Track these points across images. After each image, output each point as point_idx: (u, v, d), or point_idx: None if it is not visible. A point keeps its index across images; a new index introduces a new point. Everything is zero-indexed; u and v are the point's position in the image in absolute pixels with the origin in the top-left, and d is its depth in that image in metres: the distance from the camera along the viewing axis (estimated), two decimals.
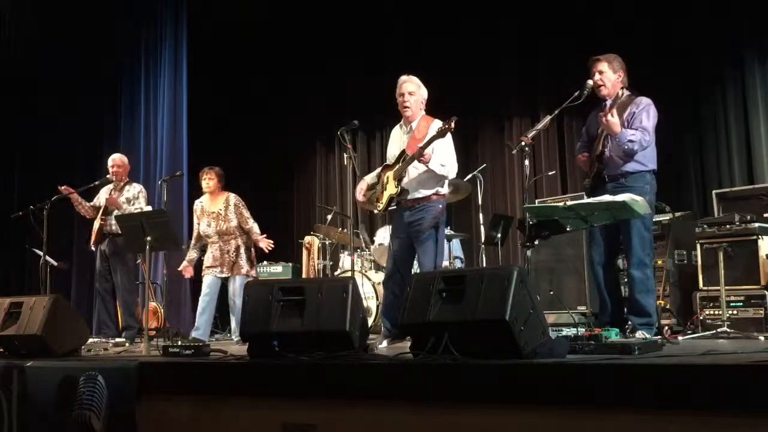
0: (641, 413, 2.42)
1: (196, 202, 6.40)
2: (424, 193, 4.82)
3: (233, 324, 6.14)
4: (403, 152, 4.88)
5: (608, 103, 4.56)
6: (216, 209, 6.18)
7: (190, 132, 9.28)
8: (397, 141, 5.06)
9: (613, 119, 4.34)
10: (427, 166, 4.68)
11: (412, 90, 4.89)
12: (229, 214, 6.13)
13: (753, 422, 2.24)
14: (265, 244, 6.19)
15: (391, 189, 4.87)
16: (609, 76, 4.54)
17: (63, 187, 6.54)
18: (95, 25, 9.48)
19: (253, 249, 6.29)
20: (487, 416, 2.68)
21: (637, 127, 4.39)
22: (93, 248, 6.69)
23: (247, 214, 6.20)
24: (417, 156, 4.68)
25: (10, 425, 3.68)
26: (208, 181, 6.21)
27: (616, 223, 4.30)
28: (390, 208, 4.96)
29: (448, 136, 4.74)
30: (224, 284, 6.13)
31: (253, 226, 6.18)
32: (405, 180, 4.83)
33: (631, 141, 4.32)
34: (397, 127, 5.12)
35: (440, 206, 4.85)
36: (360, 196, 5.08)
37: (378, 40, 9.08)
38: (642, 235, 4.36)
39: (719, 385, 2.33)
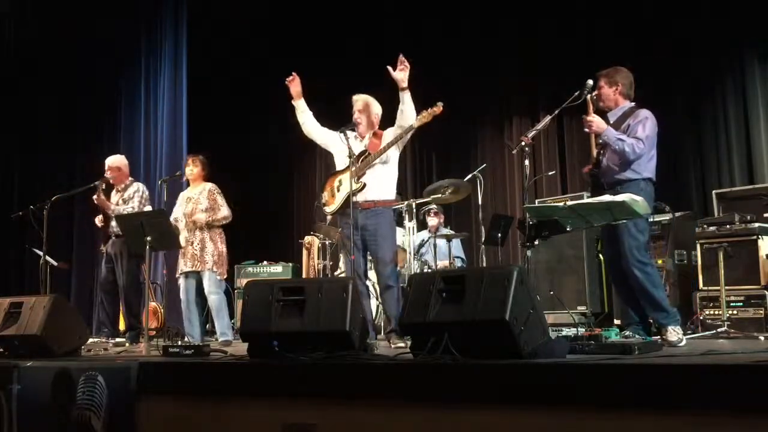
0: (641, 413, 2.42)
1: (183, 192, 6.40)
2: (381, 196, 4.95)
3: (217, 324, 5.95)
4: (363, 152, 5.00)
5: (609, 115, 4.56)
6: (191, 194, 6.15)
7: (190, 132, 9.28)
8: (340, 144, 5.07)
9: (590, 117, 4.40)
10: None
11: (360, 107, 5.13)
12: (201, 198, 6.05)
13: (753, 422, 2.24)
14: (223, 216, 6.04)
15: (348, 187, 4.91)
16: (605, 91, 4.55)
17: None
18: (95, 25, 9.49)
19: (222, 248, 6.07)
20: (487, 416, 2.68)
21: (632, 137, 4.38)
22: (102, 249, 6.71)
23: (221, 200, 6.06)
24: (381, 152, 4.88)
25: (9, 425, 3.68)
26: (192, 168, 6.20)
27: (613, 226, 4.29)
28: (341, 213, 5.09)
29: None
30: (200, 280, 6.00)
31: (223, 210, 6.02)
32: (365, 177, 4.94)
33: (620, 140, 4.32)
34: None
35: (394, 211, 5.22)
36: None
37: (377, 40, 9.07)
38: (634, 236, 4.30)
39: (719, 385, 2.33)
